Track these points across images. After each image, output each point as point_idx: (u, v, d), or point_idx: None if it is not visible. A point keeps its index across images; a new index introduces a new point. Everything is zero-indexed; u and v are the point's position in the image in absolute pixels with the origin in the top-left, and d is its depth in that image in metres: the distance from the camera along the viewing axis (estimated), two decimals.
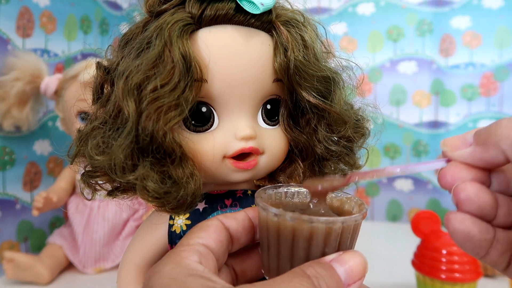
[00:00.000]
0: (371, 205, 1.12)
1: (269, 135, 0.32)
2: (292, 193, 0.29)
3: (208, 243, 0.25)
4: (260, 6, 0.29)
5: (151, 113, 0.26)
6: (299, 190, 0.30)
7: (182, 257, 0.23)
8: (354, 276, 0.23)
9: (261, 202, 0.25)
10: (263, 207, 0.25)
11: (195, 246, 0.24)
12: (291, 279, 0.21)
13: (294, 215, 0.24)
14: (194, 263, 0.23)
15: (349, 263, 0.23)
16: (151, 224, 0.33)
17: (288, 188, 0.29)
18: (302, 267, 0.22)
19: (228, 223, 0.26)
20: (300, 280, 0.21)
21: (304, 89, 0.31)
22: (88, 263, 0.73)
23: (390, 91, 1.10)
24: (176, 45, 0.27)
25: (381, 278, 0.68)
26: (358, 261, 0.23)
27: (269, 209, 0.24)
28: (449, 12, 1.06)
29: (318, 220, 0.23)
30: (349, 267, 0.23)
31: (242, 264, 0.28)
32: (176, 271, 0.22)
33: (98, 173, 0.30)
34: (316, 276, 0.22)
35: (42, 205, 0.68)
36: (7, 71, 0.70)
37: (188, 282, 0.21)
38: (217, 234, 0.25)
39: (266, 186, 0.29)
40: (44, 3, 0.79)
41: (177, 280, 0.21)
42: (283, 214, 0.24)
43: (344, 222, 0.24)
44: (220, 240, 0.25)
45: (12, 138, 0.74)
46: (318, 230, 0.23)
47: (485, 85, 1.03)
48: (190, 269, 0.22)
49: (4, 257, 0.66)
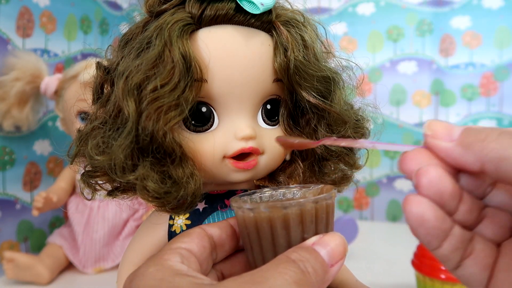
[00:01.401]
0: (371, 205, 1.12)
1: (269, 135, 0.32)
2: (267, 197, 0.30)
3: (191, 247, 0.25)
4: (260, 6, 0.29)
5: (151, 113, 0.26)
6: (273, 193, 0.30)
7: (164, 259, 0.23)
8: (336, 257, 0.24)
9: (236, 203, 0.26)
10: (238, 207, 0.26)
11: (177, 249, 0.24)
12: (277, 265, 0.21)
13: (267, 204, 0.25)
14: (178, 263, 0.23)
15: (330, 245, 0.24)
16: (151, 224, 0.33)
17: (262, 193, 0.30)
18: (286, 253, 0.23)
19: (211, 230, 0.27)
20: (286, 265, 0.21)
21: (304, 89, 0.31)
22: (88, 263, 0.73)
23: (390, 91, 1.10)
24: (176, 45, 0.27)
25: (381, 278, 0.68)
26: (339, 242, 0.24)
27: (243, 206, 0.25)
28: (449, 12, 1.06)
29: (290, 204, 0.24)
30: (330, 249, 0.23)
31: (232, 269, 0.28)
32: (160, 272, 0.22)
33: (98, 173, 0.30)
34: (301, 260, 0.22)
35: (42, 205, 0.69)
36: (7, 71, 0.70)
37: (176, 282, 0.21)
38: (199, 239, 0.25)
39: (240, 194, 0.29)
40: (44, 3, 0.79)
41: (164, 280, 0.21)
42: (257, 206, 0.25)
43: (316, 201, 0.25)
44: (203, 245, 0.25)
45: (12, 138, 0.74)
46: (292, 215, 0.24)
47: (485, 85, 1.04)
48: (174, 269, 0.22)
49: (4, 257, 0.66)
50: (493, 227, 0.23)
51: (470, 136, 0.21)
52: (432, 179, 0.21)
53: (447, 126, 0.22)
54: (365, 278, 0.38)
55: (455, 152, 0.21)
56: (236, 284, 0.21)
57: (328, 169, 0.34)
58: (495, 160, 0.20)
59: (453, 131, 0.22)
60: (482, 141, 0.20)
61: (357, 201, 1.13)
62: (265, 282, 0.20)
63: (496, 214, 0.23)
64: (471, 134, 0.21)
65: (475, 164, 0.21)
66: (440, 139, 0.22)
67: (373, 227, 1.04)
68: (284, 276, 0.21)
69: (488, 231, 0.23)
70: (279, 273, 0.21)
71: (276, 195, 0.30)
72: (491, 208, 0.24)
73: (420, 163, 0.22)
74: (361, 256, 0.79)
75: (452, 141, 0.22)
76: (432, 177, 0.21)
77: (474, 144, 0.21)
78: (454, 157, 0.22)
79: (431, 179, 0.21)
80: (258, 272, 0.21)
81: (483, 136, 0.20)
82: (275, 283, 0.20)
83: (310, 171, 0.34)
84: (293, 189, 0.30)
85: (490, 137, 0.20)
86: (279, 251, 0.25)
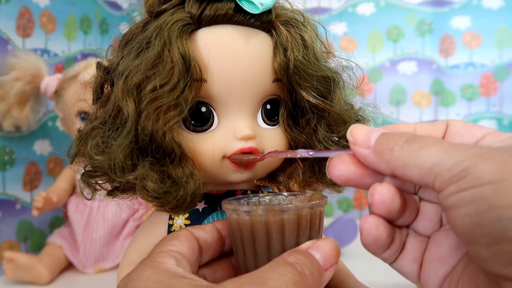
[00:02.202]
0: None
1: (269, 135, 0.32)
2: (254, 202, 0.30)
3: (181, 250, 0.25)
4: (260, 6, 0.29)
5: (151, 113, 0.26)
6: (260, 199, 0.30)
7: (159, 262, 0.23)
8: (330, 261, 0.24)
9: (231, 206, 0.26)
10: (233, 209, 0.26)
11: (170, 252, 0.24)
12: (275, 267, 0.22)
13: (266, 207, 0.25)
14: (173, 266, 0.23)
15: (324, 249, 0.24)
16: (151, 224, 0.33)
17: (248, 198, 0.30)
18: (282, 256, 0.23)
19: (197, 233, 0.27)
20: (284, 268, 0.22)
21: (303, 89, 0.31)
22: (88, 263, 0.73)
23: (390, 91, 1.10)
24: (176, 45, 0.27)
25: (381, 278, 0.68)
26: (332, 247, 0.25)
27: (240, 209, 0.25)
28: (449, 12, 1.06)
29: (288, 208, 0.25)
30: (325, 253, 0.24)
31: (215, 275, 0.28)
32: (157, 274, 0.22)
33: (98, 173, 0.30)
34: (298, 263, 0.22)
35: (42, 205, 0.69)
36: (7, 71, 0.70)
37: (175, 284, 0.21)
38: (188, 242, 0.26)
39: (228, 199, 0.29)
40: (44, 3, 0.79)
41: (162, 283, 0.21)
42: (255, 209, 0.25)
43: (311, 207, 0.25)
44: (192, 248, 0.26)
45: (12, 138, 0.74)
46: (289, 220, 0.25)
47: (485, 85, 1.03)
48: (171, 272, 0.22)
49: (4, 257, 0.66)
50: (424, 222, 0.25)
51: (382, 144, 0.22)
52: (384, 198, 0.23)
53: (366, 132, 0.23)
54: (365, 278, 0.38)
55: (370, 159, 0.23)
56: (237, 285, 0.21)
57: None
58: (400, 167, 0.21)
59: (371, 137, 0.23)
60: (390, 150, 0.22)
61: (357, 201, 1.13)
62: (265, 283, 0.21)
63: (427, 209, 0.25)
64: (383, 142, 0.22)
65: (386, 170, 0.22)
66: (359, 146, 0.23)
67: None
68: (283, 278, 0.21)
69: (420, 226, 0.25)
70: (278, 275, 0.21)
71: (263, 202, 0.30)
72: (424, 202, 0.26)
73: (342, 169, 0.24)
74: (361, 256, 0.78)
75: (368, 147, 0.23)
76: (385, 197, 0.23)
77: (384, 153, 0.22)
78: (370, 163, 0.23)
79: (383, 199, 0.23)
80: (257, 273, 0.22)
81: (391, 145, 0.22)
82: (275, 284, 0.21)
83: (310, 171, 0.34)
84: (279, 196, 0.30)
85: (396, 145, 0.22)
86: (273, 255, 0.25)
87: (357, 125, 0.24)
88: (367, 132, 0.23)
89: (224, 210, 0.27)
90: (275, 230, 0.25)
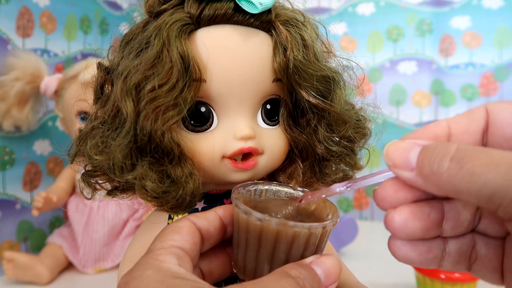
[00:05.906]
0: (371, 206, 1.12)
1: (268, 135, 0.32)
2: (261, 190, 0.29)
3: (183, 245, 0.24)
4: (259, 5, 0.29)
5: (149, 113, 0.26)
6: (268, 188, 0.30)
7: (161, 261, 0.23)
8: (331, 278, 0.24)
9: (242, 206, 0.25)
10: (245, 211, 0.25)
11: (171, 249, 0.24)
12: (278, 279, 0.22)
13: (281, 221, 0.24)
14: (175, 266, 0.23)
15: (327, 265, 0.24)
16: (151, 224, 0.33)
17: (256, 185, 0.29)
18: (285, 269, 0.23)
19: (200, 223, 0.26)
20: (286, 281, 0.22)
21: (303, 89, 0.31)
22: (88, 263, 0.73)
23: (390, 91, 1.10)
24: (174, 45, 0.27)
25: (381, 278, 0.68)
26: (335, 264, 0.24)
27: (252, 214, 0.24)
28: (449, 12, 1.06)
29: (302, 226, 0.24)
30: (327, 269, 0.24)
31: (210, 264, 0.27)
32: (159, 274, 0.22)
33: (98, 173, 0.30)
34: (300, 277, 0.22)
35: (42, 205, 0.69)
36: (7, 71, 0.70)
37: (177, 284, 0.21)
38: (190, 236, 0.25)
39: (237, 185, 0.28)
40: (44, 3, 0.79)
41: (165, 282, 0.21)
42: (269, 219, 0.24)
43: (325, 227, 0.25)
44: (194, 242, 0.25)
45: (12, 138, 0.74)
46: (300, 235, 0.24)
47: (485, 85, 1.03)
48: (173, 272, 0.22)
49: (4, 257, 0.66)
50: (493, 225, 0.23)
51: (424, 165, 0.20)
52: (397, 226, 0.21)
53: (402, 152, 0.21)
54: (365, 278, 0.38)
55: (418, 183, 0.21)
56: None
57: (329, 169, 0.34)
58: (452, 193, 0.19)
59: (409, 157, 0.21)
60: (436, 174, 0.19)
61: (357, 201, 1.13)
62: None
63: None
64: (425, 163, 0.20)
65: (439, 193, 0.20)
66: (400, 169, 0.21)
67: (373, 227, 1.04)
68: None
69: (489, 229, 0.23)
70: (281, 287, 0.21)
71: (270, 191, 0.30)
72: None
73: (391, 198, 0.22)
74: (361, 256, 0.79)
75: (412, 170, 0.20)
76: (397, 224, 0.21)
77: (430, 177, 0.20)
78: (419, 186, 0.21)
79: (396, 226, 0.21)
80: (260, 283, 0.22)
81: (435, 167, 0.19)
82: None
83: (310, 171, 0.34)
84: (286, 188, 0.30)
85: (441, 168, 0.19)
86: (275, 262, 0.25)
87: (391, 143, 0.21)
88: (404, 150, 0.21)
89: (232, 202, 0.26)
90: (284, 242, 0.24)
